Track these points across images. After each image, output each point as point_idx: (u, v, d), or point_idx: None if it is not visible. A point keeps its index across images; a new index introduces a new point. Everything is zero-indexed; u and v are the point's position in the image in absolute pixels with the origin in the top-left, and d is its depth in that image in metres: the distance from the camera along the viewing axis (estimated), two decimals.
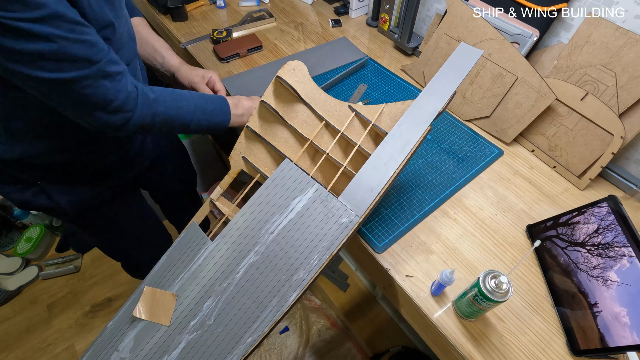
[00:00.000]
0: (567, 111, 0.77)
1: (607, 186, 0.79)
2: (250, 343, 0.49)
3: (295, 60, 0.61)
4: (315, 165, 0.60)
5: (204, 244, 0.56)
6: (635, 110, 0.70)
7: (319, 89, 0.63)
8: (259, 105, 0.62)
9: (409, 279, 0.65)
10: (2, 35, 0.42)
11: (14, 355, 1.41)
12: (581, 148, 0.76)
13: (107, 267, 1.65)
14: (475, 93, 0.87)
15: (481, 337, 0.59)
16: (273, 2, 1.30)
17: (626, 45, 0.67)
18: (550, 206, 0.74)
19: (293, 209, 0.53)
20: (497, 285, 0.51)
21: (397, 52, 1.10)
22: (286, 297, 0.50)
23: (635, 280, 0.52)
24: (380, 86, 0.98)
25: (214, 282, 0.53)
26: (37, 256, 1.66)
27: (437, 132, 0.88)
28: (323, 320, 1.45)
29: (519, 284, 0.64)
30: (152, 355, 0.51)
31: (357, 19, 1.22)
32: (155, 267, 0.58)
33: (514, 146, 0.86)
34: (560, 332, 0.59)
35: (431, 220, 0.72)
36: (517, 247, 0.69)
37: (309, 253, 0.51)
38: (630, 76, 0.68)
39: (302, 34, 1.16)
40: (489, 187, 0.78)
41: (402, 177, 0.79)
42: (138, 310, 0.52)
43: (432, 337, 0.65)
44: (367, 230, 0.70)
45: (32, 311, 1.53)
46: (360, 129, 0.63)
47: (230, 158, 0.63)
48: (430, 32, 1.00)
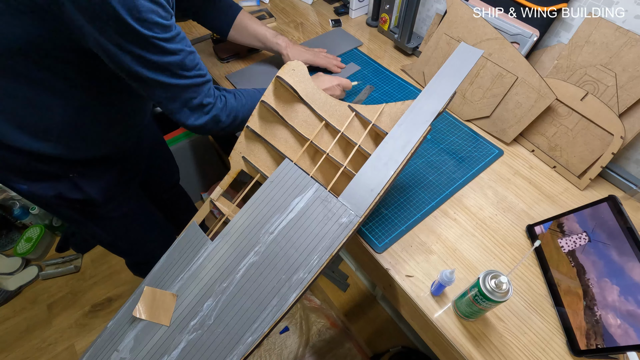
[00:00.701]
0: (567, 111, 0.77)
1: (607, 186, 0.79)
2: (250, 343, 0.49)
3: (295, 60, 0.61)
4: (315, 165, 0.60)
5: (204, 244, 0.56)
6: (635, 110, 0.70)
7: (319, 88, 0.63)
8: (259, 105, 0.62)
9: (409, 279, 0.65)
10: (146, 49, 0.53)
11: (14, 355, 1.41)
12: (581, 148, 0.76)
13: (107, 267, 1.65)
14: (475, 93, 0.87)
15: (481, 337, 0.59)
16: (273, 2, 1.30)
17: (626, 45, 0.67)
18: (550, 206, 0.74)
19: (293, 209, 0.53)
20: (497, 285, 0.51)
21: (397, 52, 1.10)
22: (286, 297, 0.50)
23: (636, 280, 0.52)
24: (380, 86, 0.98)
25: (214, 282, 0.53)
26: (37, 256, 1.66)
27: (437, 132, 0.88)
28: (323, 320, 1.45)
29: (519, 284, 0.64)
30: (152, 355, 0.51)
31: (357, 19, 1.22)
32: (155, 267, 0.58)
33: (514, 146, 0.86)
34: (560, 332, 0.59)
35: (431, 220, 0.72)
36: (517, 247, 0.69)
37: (309, 253, 0.51)
38: (630, 76, 0.68)
39: (302, 34, 1.16)
40: (489, 187, 0.78)
41: (402, 177, 0.79)
42: (138, 310, 0.52)
43: (432, 337, 0.65)
44: (367, 230, 0.70)
45: (32, 311, 1.53)
46: (360, 129, 0.63)
47: (230, 158, 0.63)
48: (430, 32, 1.00)
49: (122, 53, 0.53)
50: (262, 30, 0.95)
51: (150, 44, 0.53)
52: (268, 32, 0.95)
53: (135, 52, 0.53)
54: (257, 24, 0.95)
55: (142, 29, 0.51)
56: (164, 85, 0.59)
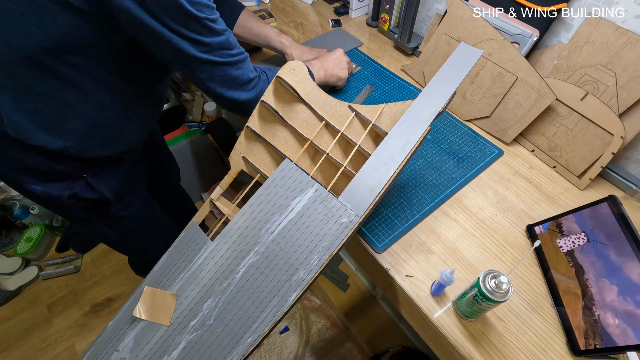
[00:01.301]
0: (567, 111, 0.77)
1: (607, 186, 0.79)
2: (250, 343, 0.49)
3: (296, 60, 0.61)
4: (315, 165, 0.60)
5: (204, 243, 0.56)
6: (635, 110, 0.70)
7: (319, 89, 0.63)
8: (258, 105, 0.62)
9: (409, 279, 0.65)
10: (200, 32, 0.55)
11: (14, 355, 1.41)
12: (581, 148, 0.76)
13: (107, 267, 1.65)
14: (475, 93, 0.87)
15: (481, 337, 0.59)
16: (273, 2, 1.30)
17: (626, 45, 0.67)
18: (550, 206, 0.74)
19: (293, 209, 0.53)
20: (497, 285, 0.51)
21: (397, 52, 1.10)
22: (286, 297, 0.50)
23: (635, 280, 0.52)
24: (380, 86, 0.98)
25: (214, 282, 0.53)
26: (37, 256, 1.66)
27: (437, 132, 0.88)
28: (323, 320, 1.45)
29: (519, 284, 0.64)
30: (152, 355, 0.51)
31: (357, 19, 1.22)
32: (155, 267, 0.58)
33: (514, 146, 0.86)
34: (560, 332, 0.59)
35: (431, 220, 0.72)
36: (517, 247, 0.69)
37: (309, 253, 0.51)
38: (630, 76, 0.68)
39: (302, 34, 1.16)
40: (489, 187, 0.78)
41: (402, 177, 0.79)
42: (138, 310, 0.52)
43: (432, 337, 0.65)
44: (367, 230, 0.70)
45: (32, 311, 1.53)
46: (360, 129, 0.63)
47: (230, 158, 0.63)
48: (430, 32, 1.00)
49: (177, 38, 0.54)
50: (265, 29, 0.95)
51: (203, 26, 0.55)
52: (272, 31, 0.95)
53: (190, 36, 0.55)
54: (260, 23, 0.95)
55: (196, 12, 0.53)
56: (216, 65, 0.60)
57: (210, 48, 0.58)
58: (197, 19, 0.54)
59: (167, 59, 0.59)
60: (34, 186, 0.71)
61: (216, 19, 0.57)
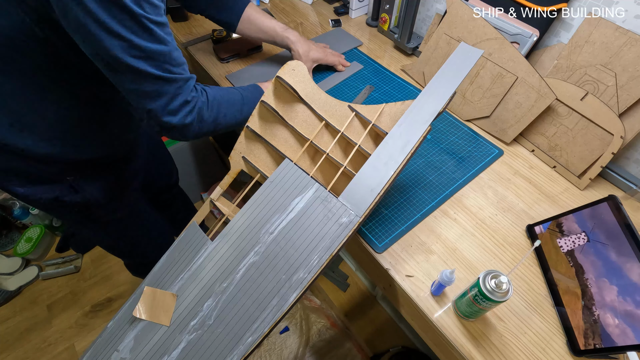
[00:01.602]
0: (567, 111, 0.77)
1: (607, 186, 0.79)
2: (250, 343, 0.49)
3: (296, 60, 0.61)
4: (315, 165, 0.60)
5: (204, 244, 0.56)
6: (635, 110, 0.70)
7: (319, 88, 0.63)
8: (258, 105, 0.62)
9: (409, 279, 0.65)
10: (134, 31, 0.48)
11: (14, 355, 1.41)
12: (581, 148, 0.76)
13: (107, 267, 1.65)
14: (475, 93, 0.87)
15: (481, 337, 0.59)
16: (273, 2, 1.30)
17: (626, 45, 0.67)
18: (550, 206, 0.74)
19: (293, 209, 0.53)
20: (497, 285, 0.51)
21: (397, 52, 1.10)
22: (286, 297, 0.50)
23: (635, 280, 0.52)
24: (380, 86, 0.98)
25: (214, 282, 0.53)
26: (37, 256, 1.66)
27: (437, 132, 0.88)
28: (323, 320, 1.45)
29: (519, 284, 0.64)
30: (152, 355, 0.51)
31: (357, 19, 1.22)
32: (155, 267, 0.58)
33: (514, 146, 0.86)
34: (560, 332, 0.59)
35: (431, 220, 0.72)
36: (517, 247, 0.69)
37: (309, 253, 0.51)
38: (630, 76, 0.68)
39: (302, 34, 1.16)
40: (489, 187, 0.78)
41: (402, 177, 0.79)
42: (138, 310, 0.52)
43: (432, 337, 0.65)
44: (367, 230, 0.70)
45: (32, 311, 1.53)
46: (360, 129, 0.63)
47: (230, 158, 0.63)
48: (430, 32, 1.00)
49: (105, 34, 0.46)
50: (271, 23, 0.91)
51: (139, 23, 0.47)
52: (277, 25, 0.91)
53: (120, 33, 0.47)
54: (266, 17, 0.91)
55: (133, 5, 0.46)
56: (147, 77, 0.52)
57: (145, 55, 0.50)
58: (133, 15, 0.46)
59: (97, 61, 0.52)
60: (16, 188, 0.70)
61: (161, 23, 0.50)
